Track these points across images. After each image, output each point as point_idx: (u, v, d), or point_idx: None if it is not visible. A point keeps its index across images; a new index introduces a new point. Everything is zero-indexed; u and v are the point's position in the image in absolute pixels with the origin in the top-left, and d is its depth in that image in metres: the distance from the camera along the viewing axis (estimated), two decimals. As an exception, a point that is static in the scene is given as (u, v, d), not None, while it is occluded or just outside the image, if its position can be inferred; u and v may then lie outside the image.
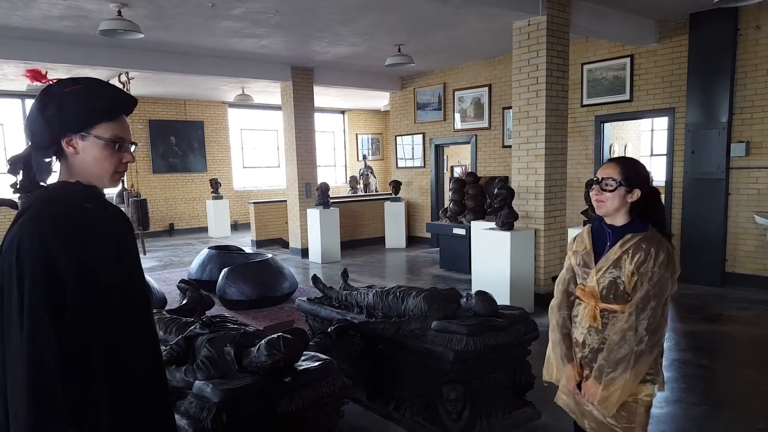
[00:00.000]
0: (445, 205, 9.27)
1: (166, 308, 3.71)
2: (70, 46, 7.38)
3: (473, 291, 3.37)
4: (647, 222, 1.99)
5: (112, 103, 1.41)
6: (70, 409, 1.28)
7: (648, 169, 2.08)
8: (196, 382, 2.30)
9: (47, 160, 1.42)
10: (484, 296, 3.24)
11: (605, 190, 1.98)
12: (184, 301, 3.59)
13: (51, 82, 1.42)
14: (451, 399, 2.97)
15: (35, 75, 1.49)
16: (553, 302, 2.20)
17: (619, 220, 2.01)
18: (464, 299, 3.29)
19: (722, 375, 4.25)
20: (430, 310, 3.26)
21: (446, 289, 3.60)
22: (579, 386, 2.04)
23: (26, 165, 1.44)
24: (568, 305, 2.14)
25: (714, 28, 6.78)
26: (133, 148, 1.48)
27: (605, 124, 8.18)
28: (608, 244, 2.00)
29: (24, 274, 1.27)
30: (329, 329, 3.21)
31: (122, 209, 1.48)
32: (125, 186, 11.61)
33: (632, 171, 1.99)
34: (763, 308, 5.92)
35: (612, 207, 1.98)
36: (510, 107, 8.79)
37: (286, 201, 10.36)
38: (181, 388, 2.34)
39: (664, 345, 1.98)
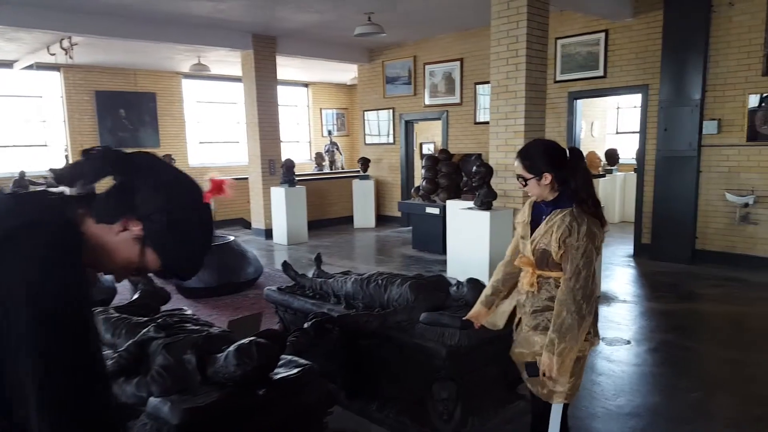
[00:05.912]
0: (417, 184, 8.97)
1: (114, 305, 3.21)
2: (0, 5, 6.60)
3: (455, 275, 3.09)
4: (572, 198, 2.11)
5: None
6: None
7: (561, 148, 2.19)
8: (151, 398, 1.91)
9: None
10: (476, 284, 2.95)
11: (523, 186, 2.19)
12: (135, 296, 3.14)
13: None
14: (442, 399, 2.70)
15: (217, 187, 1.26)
16: (500, 262, 2.47)
17: (550, 196, 2.17)
18: (454, 287, 3.00)
19: (707, 357, 4.21)
20: (417, 300, 2.96)
21: (433, 276, 3.29)
22: (535, 365, 2.15)
23: None
24: (511, 263, 2.37)
25: (688, 4, 6.67)
26: None
27: (578, 100, 8.01)
28: (544, 217, 2.18)
29: None
30: (305, 325, 2.84)
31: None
32: (70, 162, 10.81)
33: (534, 160, 2.13)
34: (733, 285, 5.95)
35: (535, 194, 2.18)
36: (483, 82, 8.53)
37: (247, 178, 9.82)
38: (132, 405, 1.95)
39: (649, 325, 1.86)
